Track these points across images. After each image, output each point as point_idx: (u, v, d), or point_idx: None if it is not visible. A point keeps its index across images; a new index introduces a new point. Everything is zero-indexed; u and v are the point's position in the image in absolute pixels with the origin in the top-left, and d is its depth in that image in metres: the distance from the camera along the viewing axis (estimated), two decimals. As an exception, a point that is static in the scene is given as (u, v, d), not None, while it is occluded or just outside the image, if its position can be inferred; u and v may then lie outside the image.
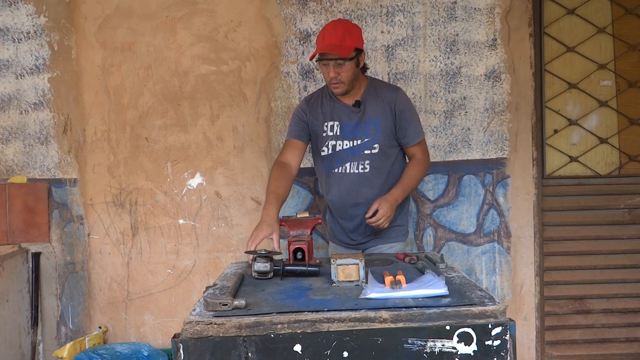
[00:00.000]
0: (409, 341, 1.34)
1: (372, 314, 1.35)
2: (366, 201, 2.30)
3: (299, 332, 1.33)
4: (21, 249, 3.03)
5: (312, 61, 2.63)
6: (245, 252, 1.91)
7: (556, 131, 3.12)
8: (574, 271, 3.11)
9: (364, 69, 2.37)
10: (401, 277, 1.53)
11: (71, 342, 2.83)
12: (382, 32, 3.02)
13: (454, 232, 3.08)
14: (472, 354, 1.34)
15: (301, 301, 1.48)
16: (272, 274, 1.80)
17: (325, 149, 2.36)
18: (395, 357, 1.34)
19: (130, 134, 3.06)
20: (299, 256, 1.90)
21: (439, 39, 3.03)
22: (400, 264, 1.95)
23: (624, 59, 3.11)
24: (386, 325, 1.34)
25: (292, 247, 1.91)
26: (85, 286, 3.08)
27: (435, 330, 1.34)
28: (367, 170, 2.32)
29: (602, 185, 3.12)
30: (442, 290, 1.45)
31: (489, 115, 3.05)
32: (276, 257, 1.88)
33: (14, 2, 3.01)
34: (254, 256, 1.82)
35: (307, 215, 2.07)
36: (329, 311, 1.38)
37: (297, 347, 1.33)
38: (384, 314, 1.35)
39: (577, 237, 3.11)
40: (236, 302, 1.41)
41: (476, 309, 1.36)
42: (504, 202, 3.07)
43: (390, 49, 3.03)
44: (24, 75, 3.03)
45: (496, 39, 3.03)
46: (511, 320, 1.36)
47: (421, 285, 1.50)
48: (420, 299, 1.43)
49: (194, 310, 1.44)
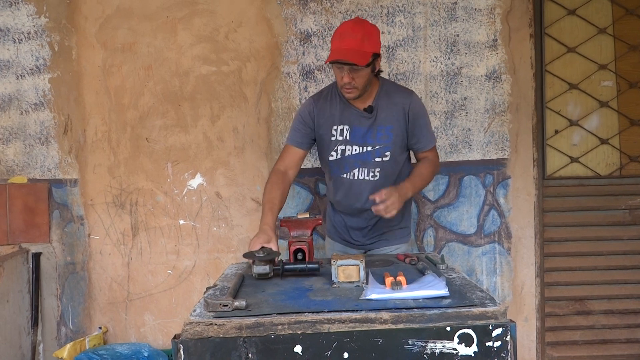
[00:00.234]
0: (410, 342, 1.34)
1: (372, 315, 1.35)
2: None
3: (299, 333, 1.34)
4: (21, 249, 3.03)
5: (326, 64, 2.50)
6: (243, 255, 1.88)
7: (557, 132, 3.12)
8: (574, 272, 3.11)
9: (377, 71, 2.25)
10: (402, 278, 1.53)
11: (71, 343, 2.83)
12: (382, 32, 3.01)
13: (454, 233, 3.08)
14: (472, 355, 1.34)
15: (301, 302, 1.48)
16: (272, 274, 1.80)
17: (334, 153, 2.27)
18: (395, 358, 1.34)
19: (130, 134, 3.06)
20: (300, 257, 1.91)
21: (439, 39, 3.03)
22: (400, 265, 1.95)
23: (625, 59, 3.11)
24: (386, 326, 1.34)
25: (293, 248, 1.91)
26: (85, 286, 3.08)
27: (435, 331, 1.34)
28: (377, 178, 2.25)
29: (603, 186, 3.12)
30: (443, 291, 1.45)
31: (490, 115, 3.05)
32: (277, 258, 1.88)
33: (15, 3, 3.01)
34: (253, 259, 1.81)
35: (307, 215, 2.07)
36: (329, 312, 1.38)
37: (298, 348, 1.33)
38: (385, 315, 1.35)
39: (578, 238, 3.11)
40: (236, 303, 1.41)
41: (477, 310, 1.36)
42: (504, 202, 3.07)
43: (390, 50, 3.03)
44: (24, 75, 3.04)
45: (497, 40, 3.03)
46: (512, 321, 1.36)
47: (422, 286, 1.50)
48: (420, 300, 1.43)
49: (194, 310, 1.44)
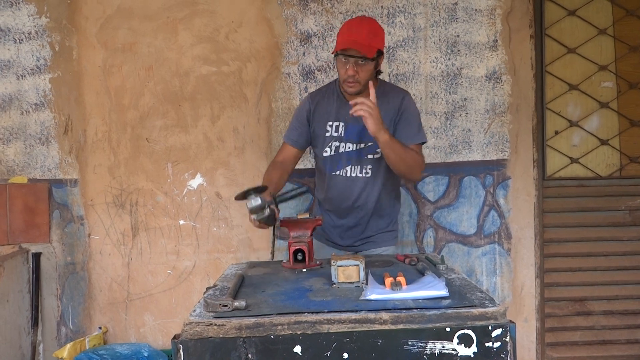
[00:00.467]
0: (409, 343, 1.34)
1: (372, 316, 1.35)
2: (364, 204, 2.31)
3: (299, 333, 1.33)
4: (21, 249, 3.03)
5: (332, 54, 2.45)
6: (235, 198, 1.95)
7: (557, 132, 3.12)
8: (574, 273, 3.11)
9: (378, 71, 2.28)
10: (401, 279, 1.53)
11: (71, 343, 2.84)
12: (382, 33, 3.02)
13: (454, 234, 3.08)
14: (472, 356, 1.34)
15: (301, 302, 1.48)
16: (268, 210, 1.94)
17: (328, 149, 2.31)
18: (395, 358, 1.33)
19: (131, 134, 3.06)
20: (299, 257, 1.90)
21: (439, 40, 3.03)
22: (400, 265, 1.94)
23: (625, 60, 3.11)
24: (386, 326, 1.34)
25: (293, 248, 1.91)
26: (85, 287, 3.08)
27: (435, 331, 1.34)
28: (369, 175, 2.29)
29: (603, 186, 3.12)
30: (443, 291, 1.45)
31: (490, 116, 3.05)
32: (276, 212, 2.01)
33: (16, 3, 3.02)
34: (245, 192, 1.90)
35: (307, 216, 2.07)
36: (329, 312, 1.38)
37: (297, 349, 1.33)
38: (384, 316, 1.35)
39: (578, 239, 3.11)
40: (236, 303, 1.41)
41: (476, 311, 1.36)
42: (504, 203, 3.07)
43: (391, 50, 3.03)
44: (25, 75, 3.04)
45: (497, 40, 3.03)
46: (511, 322, 1.36)
47: (421, 286, 1.50)
48: (420, 301, 1.43)
49: (194, 311, 1.44)
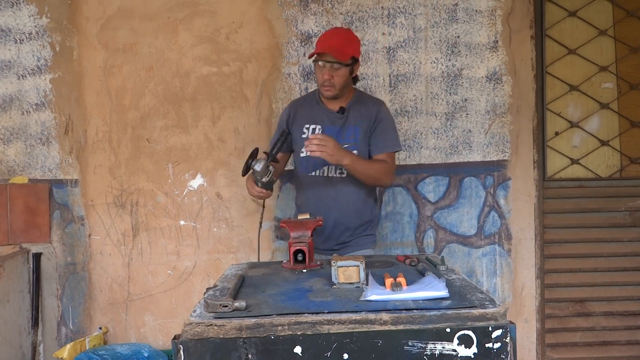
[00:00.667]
0: (409, 343, 1.34)
1: (372, 316, 1.35)
2: (342, 206, 2.37)
3: (299, 333, 1.33)
4: (22, 249, 3.03)
5: (310, 59, 2.68)
6: (242, 174, 2.21)
7: (557, 133, 3.12)
8: (574, 273, 3.11)
9: (355, 79, 2.45)
10: (402, 279, 1.53)
11: (71, 343, 2.84)
12: (383, 33, 3.02)
13: (454, 234, 3.08)
14: (472, 357, 1.34)
15: (301, 303, 1.48)
16: (271, 171, 2.19)
17: (304, 150, 2.33)
18: (395, 359, 1.33)
19: (131, 135, 3.06)
20: (300, 257, 1.90)
21: (440, 40, 3.03)
22: (401, 266, 1.94)
23: (625, 61, 3.11)
24: (386, 327, 1.34)
25: (293, 249, 1.91)
26: (85, 287, 3.08)
27: (435, 332, 1.34)
28: (344, 175, 2.37)
29: (603, 187, 3.12)
30: (443, 292, 1.45)
31: (490, 117, 3.05)
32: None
33: (16, 3, 3.02)
34: (246, 164, 2.14)
35: (307, 216, 2.07)
36: (329, 313, 1.38)
37: (297, 349, 1.33)
38: (384, 316, 1.35)
39: (578, 240, 3.11)
40: (236, 304, 1.41)
41: (476, 312, 1.36)
42: (504, 204, 3.07)
43: (391, 51, 3.03)
44: (25, 76, 3.04)
45: (497, 41, 3.03)
46: (511, 322, 1.36)
47: (422, 287, 1.50)
48: (420, 301, 1.43)
49: (195, 311, 1.44)
